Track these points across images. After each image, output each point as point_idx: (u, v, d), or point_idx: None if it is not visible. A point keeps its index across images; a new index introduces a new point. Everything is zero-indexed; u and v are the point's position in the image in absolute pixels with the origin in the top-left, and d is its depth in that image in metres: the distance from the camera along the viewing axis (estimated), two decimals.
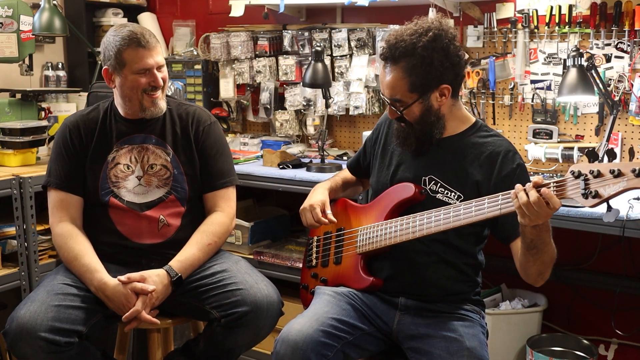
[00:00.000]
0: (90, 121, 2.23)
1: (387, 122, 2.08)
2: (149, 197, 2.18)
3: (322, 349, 1.76)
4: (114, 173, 2.19)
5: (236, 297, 2.03)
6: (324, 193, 2.12)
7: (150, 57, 2.11)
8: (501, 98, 2.97)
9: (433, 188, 1.91)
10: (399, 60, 1.83)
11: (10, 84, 3.34)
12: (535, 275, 1.78)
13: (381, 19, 3.19)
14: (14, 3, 3.09)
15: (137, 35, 2.10)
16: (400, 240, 1.87)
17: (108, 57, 2.13)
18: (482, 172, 1.87)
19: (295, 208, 3.33)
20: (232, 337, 2.06)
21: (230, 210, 2.26)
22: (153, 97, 2.15)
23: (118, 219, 2.18)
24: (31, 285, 2.72)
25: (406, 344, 1.88)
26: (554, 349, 2.76)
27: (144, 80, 2.12)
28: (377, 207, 1.99)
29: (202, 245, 2.14)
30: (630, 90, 2.64)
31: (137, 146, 2.21)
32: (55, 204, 2.18)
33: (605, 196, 1.48)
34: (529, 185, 1.58)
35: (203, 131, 2.25)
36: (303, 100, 3.35)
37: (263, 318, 2.03)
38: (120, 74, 2.12)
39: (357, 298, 1.95)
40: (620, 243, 2.60)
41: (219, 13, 3.64)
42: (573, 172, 1.53)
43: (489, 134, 1.93)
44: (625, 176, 1.45)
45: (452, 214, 1.77)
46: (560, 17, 2.74)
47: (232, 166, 2.32)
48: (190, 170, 2.22)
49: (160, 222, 2.18)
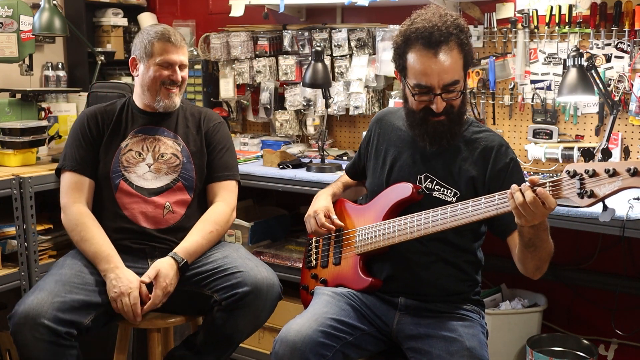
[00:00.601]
0: (107, 112, 2.37)
1: (377, 122, 2.08)
2: (157, 183, 2.28)
3: (320, 349, 1.76)
4: (125, 158, 2.29)
5: (237, 279, 2.09)
6: (327, 199, 2.13)
7: (176, 54, 2.29)
8: (501, 98, 2.97)
9: (429, 186, 1.91)
10: (450, 38, 1.77)
11: (10, 84, 3.34)
12: (533, 269, 1.78)
13: (381, 19, 3.19)
14: (14, 3, 3.09)
15: (169, 31, 2.29)
16: (399, 241, 1.87)
17: (139, 47, 2.30)
18: (477, 168, 1.87)
19: (295, 208, 3.37)
20: (233, 321, 2.09)
21: (231, 201, 2.35)
22: (170, 90, 2.30)
23: (125, 204, 2.26)
24: (31, 285, 2.72)
25: (406, 344, 1.88)
26: (554, 349, 2.76)
27: (165, 72, 2.28)
28: (375, 207, 1.98)
29: (204, 233, 2.23)
30: (630, 90, 2.63)
31: (149, 137, 2.33)
32: (70, 185, 2.27)
33: (601, 195, 1.48)
34: (525, 186, 1.57)
35: (213, 126, 2.40)
36: (303, 100, 3.35)
37: (263, 299, 2.08)
38: (145, 62, 2.28)
39: (356, 298, 1.95)
40: (620, 243, 2.60)
41: (219, 13, 3.64)
42: (569, 172, 1.53)
43: (480, 129, 1.94)
44: (620, 175, 1.45)
45: (449, 213, 1.77)
46: (560, 17, 2.74)
47: (236, 163, 2.45)
48: (198, 160, 2.34)
49: (166, 209, 2.27)
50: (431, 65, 1.77)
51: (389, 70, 3.11)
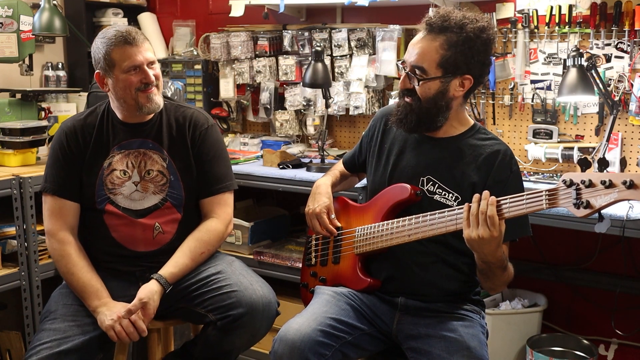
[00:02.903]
0: (87, 126, 2.19)
1: (382, 119, 2.07)
2: (145, 204, 2.16)
3: (320, 349, 1.76)
4: (110, 180, 2.16)
5: (231, 300, 2.02)
6: (328, 193, 2.12)
7: (139, 53, 2.07)
8: (501, 98, 2.97)
9: (430, 189, 1.90)
10: (442, 32, 1.81)
11: (10, 84, 3.34)
12: (487, 287, 1.87)
13: (381, 19, 3.19)
14: (14, 3, 3.09)
15: (122, 33, 2.06)
16: (396, 243, 1.87)
17: (98, 60, 2.10)
18: (479, 174, 1.87)
19: (295, 208, 3.37)
20: (229, 339, 2.05)
21: (225, 216, 2.22)
22: (148, 92, 2.11)
23: (113, 226, 2.16)
24: (31, 285, 2.73)
25: (406, 343, 1.88)
26: (554, 349, 2.76)
27: (135, 78, 2.08)
28: (374, 207, 1.98)
29: (195, 255, 2.13)
30: (630, 90, 2.64)
31: (133, 151, 2.17)
32: (53, 211, 2.15)
33: (597, 207, 1.49)
34: (483, 196, 1.65)
35: (200, 135, 2.20)
36: (303, 100, 3.35)
37: (259, 319, 2.03)
38: (111, 75, 2.09)
39: (356, 298, 1.95)
40: (620, 243, 2.60)
41: (219, 13, 3.64)
42: (565, 181, 1.54)
43: (487, 136, 1.93)
44: (616, 187, 1.45)
45: (447, 218, 1.76)
46: (560, 17, 2.74)
47: (229, 170, 2.27)
48: (186, 176, 2.19)
49: (156, 230, 2.16)
50: (414, 40, 1.87)
51: (389, 70, 3.11)
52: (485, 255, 1.69)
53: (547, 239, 2.84)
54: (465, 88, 1.85)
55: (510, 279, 1.83)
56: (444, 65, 1.82)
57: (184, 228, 2.19)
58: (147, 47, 2.11)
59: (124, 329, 1.98)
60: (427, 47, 1.82)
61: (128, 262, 2.16)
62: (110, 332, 1.99)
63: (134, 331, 2.00)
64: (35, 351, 1.93)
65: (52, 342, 1.94)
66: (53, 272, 2.81)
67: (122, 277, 2.15)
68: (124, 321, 1.98)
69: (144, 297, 2.01)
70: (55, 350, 1.92)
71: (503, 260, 1.74)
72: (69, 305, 2.08)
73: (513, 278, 1.84)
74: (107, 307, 2.02)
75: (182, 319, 2.18)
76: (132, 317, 2.00)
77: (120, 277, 2.15)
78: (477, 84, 1.89)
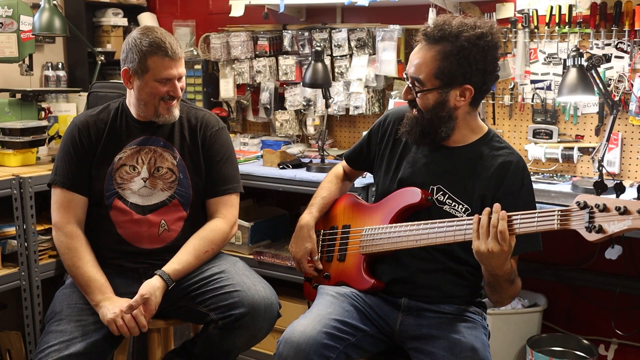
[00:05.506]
0: (100, 121, 2.21)
1: (395, 122, 2.02)
2: (152, 200, 2.18)
3: (324, 351, 1.76)
4: (119, 175, 2.17)
5: (233, 299, 2.02)
6: (310, 237, 2.11)
7: (175, 67, 2.10)
8: (501, 98, 2.97)
9: (440, 199, 1.89)
10: (438, 42, 1.80)
11: (10, 84, 3.34)
12: (493, 300, 1.86)
13: (381, 19, 3.19)
14: (14, 3, 3.09)
15: (165, 44, 2.07)
16: (403, 247, 1.87)
17: (131, 59, 2.09)
18: (489, 186, 1.85)
19: (295, 208, 3.37)
20: (230, 339, 2.06)
21: (231, 217, 2.24)
22: (169, 104, 2.15)
23: (119, 222, 2.17)
24: (31, 285, 2.73)
25: (409, 344, 1.88)
26: (554, 349, 2.76)
27: (164, 89, 2.11)
28: (383, 209, 1.97)
29: (199, 253, 2.14)
30: (630, 90, 2.64)
31: (145, 148, 2.19)
32: (62, 203, 2.16)
33: (609, 232, 1.46)
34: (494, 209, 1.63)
35: (210, 136, 2.24)
36: (303, 100, 3.35)
37: (260, 320, 2.03)
38: (141, 78, 2.10)
39: (359, 299, 1.94)
40: (620, 243, 2.60)
41: (219, 13, 3.64)
42: (579, 203, 1.51)
43: (500, 145, 1.90)
44: (631, 215, 1.42)
45: (456, 227, 1.75)
46: (560, 17, 2.74)
47: (237, 173, 2.30)
48: (195, 175, 2.21)
49: (161, 227, 2.18)
50: (413, 52, 1.86)
51: (389, 70, 3.11)
52: (493, 268, 1.68)
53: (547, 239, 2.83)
54: (467, 98, 1.82)
55: (517, 293, 1.82)
56: (440, 76, 1.81)
57: (190, 227, 2.20)
58: (183, 62, 2.14)
59: (125, 324, 1.99)
60: (423, 58, 1.82)
61: (132, 259, 2.17)
62: (112, 325, 1.99)
63: (135, 326, 2.00)
64: (44, 354, 1.93)
65: (60, 344, 1.94)
66: (53, 272, 2.81)
67: (126, 274, 2.16)
68: (125, 316, 1.99)
69: (146, 293, 2.02)
70: (64, 353, 1.92)
71: (511, 274, 1.73)
72: (72, 305, 2.08)
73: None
74: (110, 302, 2.03)
75: (183, 318, 2.18)
76: (134, 312, 2.00)
77: (125, 273, 2.15)
78: (482, 92, 1.86)
